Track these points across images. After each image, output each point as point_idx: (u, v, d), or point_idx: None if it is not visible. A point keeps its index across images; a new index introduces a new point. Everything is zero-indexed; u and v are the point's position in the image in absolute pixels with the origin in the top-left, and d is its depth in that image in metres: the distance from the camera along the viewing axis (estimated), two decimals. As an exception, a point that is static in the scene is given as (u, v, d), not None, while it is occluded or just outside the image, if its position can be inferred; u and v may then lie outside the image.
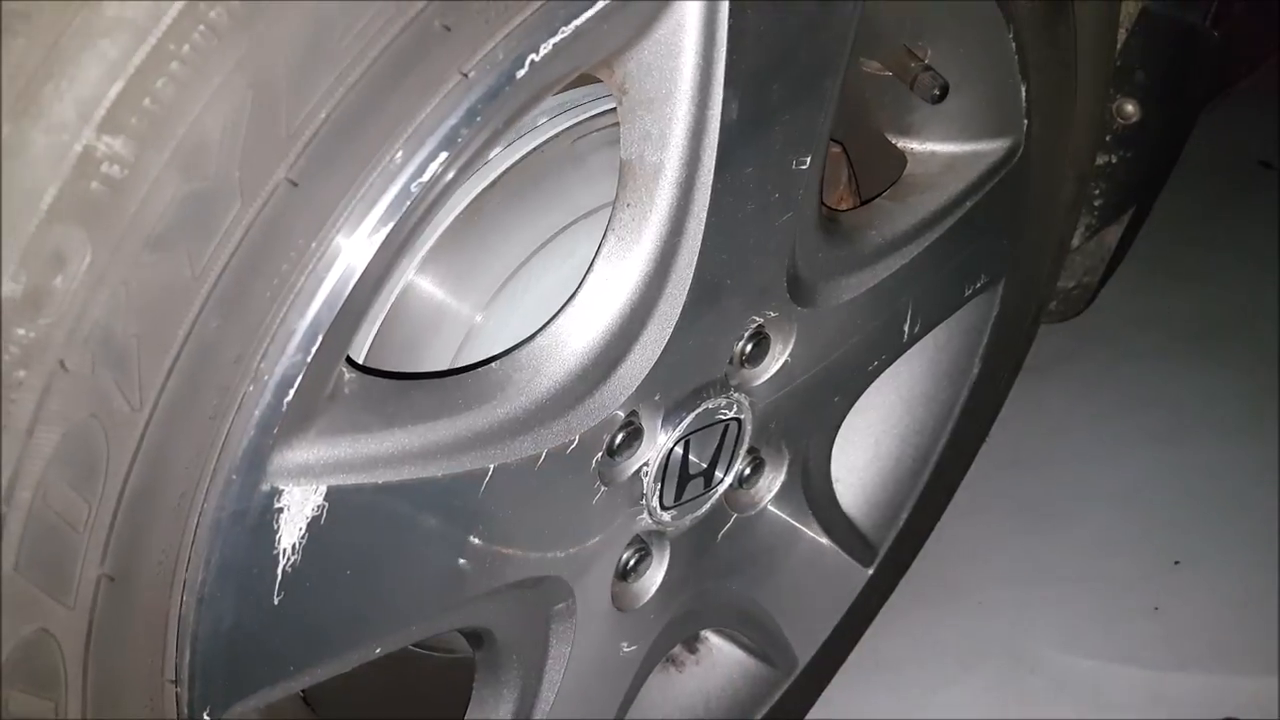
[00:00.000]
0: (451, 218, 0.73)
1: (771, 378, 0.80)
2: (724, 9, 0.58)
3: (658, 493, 0.77)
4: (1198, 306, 1.89)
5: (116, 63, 0.37)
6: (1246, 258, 1.98)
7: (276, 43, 0.41)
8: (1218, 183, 2.12)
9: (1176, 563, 1.42)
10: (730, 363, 0.76)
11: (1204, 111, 1.22)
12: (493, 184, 0.73)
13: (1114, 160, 1.13)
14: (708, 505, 0.84)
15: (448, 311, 0.74)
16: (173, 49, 0.38)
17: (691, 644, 1.07)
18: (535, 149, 0.74)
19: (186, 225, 0.42)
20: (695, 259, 0.66)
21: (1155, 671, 1.28)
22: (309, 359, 0.50)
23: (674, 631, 0.91)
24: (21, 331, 0.40)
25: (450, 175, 0.51)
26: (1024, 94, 0.87)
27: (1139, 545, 1.44)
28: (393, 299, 0.73)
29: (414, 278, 0.74)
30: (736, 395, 0.78)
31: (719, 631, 1.05)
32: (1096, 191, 1.15)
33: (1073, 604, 1.37)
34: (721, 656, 1.06)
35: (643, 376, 0.69)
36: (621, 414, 0.69)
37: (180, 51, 0.39)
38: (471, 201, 0.73)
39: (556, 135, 0.74)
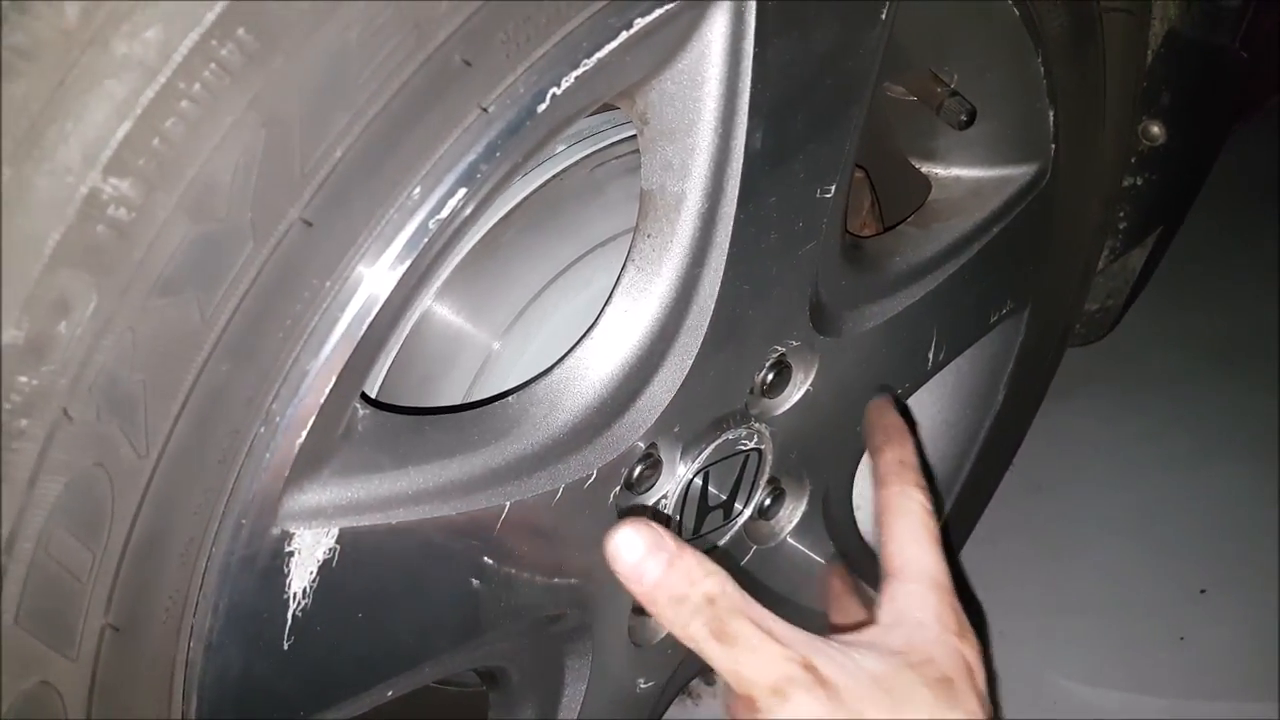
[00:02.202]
0: (469, 246, 0.71)
1: (793, 407, 0.78)
2: (749, 38, 0.56)
3: (676, 525, 0.75)
4: (1221, 328, 1.86)
5: (124, 103, 0.36)
6: (1270, 277, 1.95)
7: (291, 80, 0.40)
8: (1240, 202, 2.10)
9: (1203, 591, 1.40)
10: (751, 393, 0.74)
11: (1232, 131, 1.20)
12: (511, 212, 0.72)
13: (1139, 182, 1.12)
14: (727, 537, 0.82)
15: (465, 340, 0.73)
16: (183, 88, 0.37)
17: (708, 675, 1.05)
18: (554, 177, 0.72)
19: (196, 268, 0.41)
20: (717, 290, 0.64)
21: (1181, 701, 1.26)
22: (322, 400, 0.49)
23: (691, 666, 0.90)
24: (24, 379, 0.39)
25: (469, 210, 0.50)
26: (1052, 118, 0.85)
27: (1163, 573, 1.42)
28: (409, 327, 0.71)
29: (431, 306, 0.72)
30: (757, 425, 0.77)
31: (736, 663, 1.03)
32: (1121, 214, 1.13)
33: (1096, 633, 1.34)
34: (739, 689, 1.05)
35: (662, 409, 0.67)
36: (641, 446, 0.68)
37: (191, 90, 0.37)
38: (490, 229, 0.72)
39: (575, 163, 0.73)
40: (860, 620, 0.69)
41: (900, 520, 0.64)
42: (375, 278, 0.47)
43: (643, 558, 0.54)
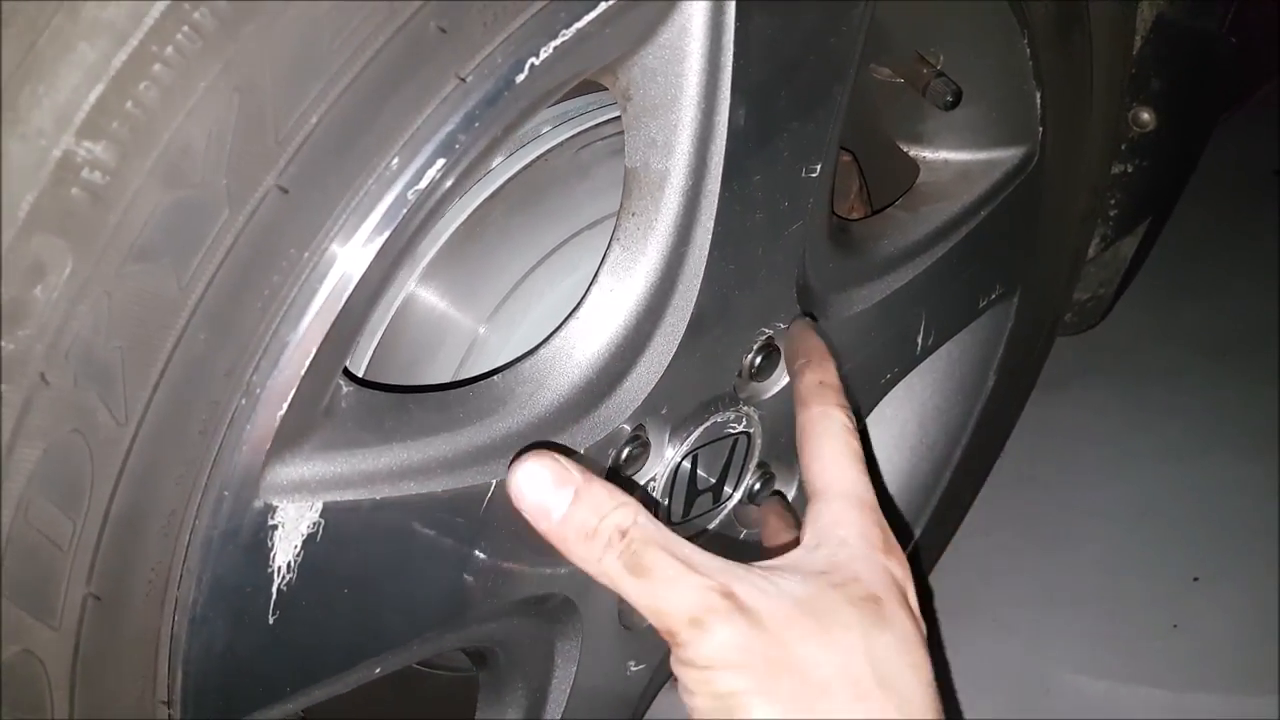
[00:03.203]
0: (454, 228, 0.71)
1: (781, 391, 0.78)
2: (730, 12, 0.56)
3: (665, 508, 0.75)
4: (1213, 318, 1.86)
5: (96, 66, 0.36)
6: (1263, 269, 1.95)
7: (264, 45, 0.40)
8: (1232, 192, 2.10)
9: (1195, 579, 1.40)
10: (739, 375, 0.74)
11: (1220, 120, 1.20)
12: (496, 193, 0.72)
13: (1129, 169, 1.12)
14: (716, 521, 0.82)
15: (451, 323, 0.73)
16: (155, 51, 0.37)
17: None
18: (539, 158, 0.73)
19: (172, 234, 0.41)
20: (702, 270, 0.65)
21: (1175, 692, 1.26)
22: (303, 372, 0.49)
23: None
24: (1, 344, 0.39)
25: (449, 183, 0.50)
26: (1038, 101, 0.85)
27: (1156, 562, 1.42)
28: (395, 310, 0.72)
29: (416, 289, 0.72)
30: (745, 408, 0.77)
31: (728, 650, 1.03)
32: (1112, 202, 1.13)
33: (1089, 623, 1.34)
34: (731, 675, 1.04)
35: (649, 390, 0.67)
36: (627, 428, 0.68)
37: (163, 54, 0.37)
38: (474, 211, 0.72)
39: (561, 144, 0.73)
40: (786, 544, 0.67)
41: (822, 441, 0.62)
42: (353, 249, 0.47)
43: (546, 492, 0.51)
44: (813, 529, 0.58)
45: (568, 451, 0.64)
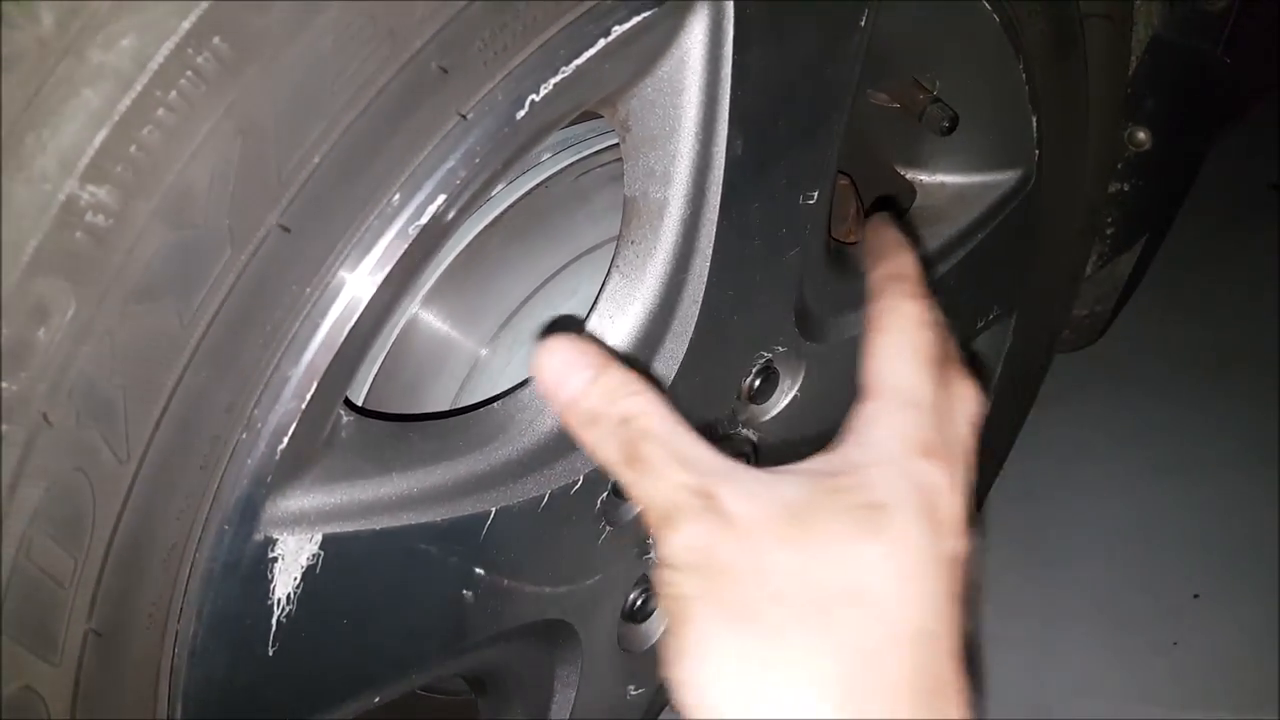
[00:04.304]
0: (455, 254, 0.72)
1: (780, 413, 0.79)
2: (728, 45, 0.57)
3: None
4: (1210, 334, 1.87)
5: (100, 111, 0.36)
6: (1260, 283, 1.95)
7: (266, 88, 0.40)
8: (1228, 208, 2.10)
9: (1196, 596, 1.40)
10: (738, 399, 0.74)
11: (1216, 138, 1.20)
12: (496, 220, 0.72)
13: (1126, 188, 1.12)
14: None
15: (452, 347, 0.73)
16: (159, 96, 0.37)
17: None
18: (539, 185, 0.73)
19: (174, 274, 0.41)
20: (701, 296, 0.65)
21: (1176, 709, 1.26)
22: (304, 406, 0.49)
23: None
24: (3, 385, 0.39)
25: (449, 217, 0.50)
26: (1034, 125, 0.86)
27: (1156, 580, 1.42)
28: (395, 335, 0.72)
29: (417, 313, 0.73)
30: (744, 431, 0.77)
31: (728, 670, 1.03)
32: (1109, 220, 1.14)
33: (1088, 641, 1.34)
34: (731, 696, 1.04)
35: (648, 415, 0.67)
36: (627, 453, 0.68)
37: (167, 98, 0.38)
38: (475, 237, 0.72)
39: (560, 171, 0.73)
40: None
41: (881, 336, 0.53)
42: (355, 284, 0.48)
43: (563, 371, 0.49)
44: (845, 428, 0.50)
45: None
